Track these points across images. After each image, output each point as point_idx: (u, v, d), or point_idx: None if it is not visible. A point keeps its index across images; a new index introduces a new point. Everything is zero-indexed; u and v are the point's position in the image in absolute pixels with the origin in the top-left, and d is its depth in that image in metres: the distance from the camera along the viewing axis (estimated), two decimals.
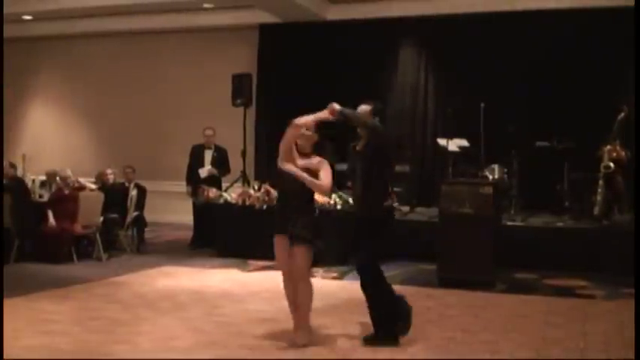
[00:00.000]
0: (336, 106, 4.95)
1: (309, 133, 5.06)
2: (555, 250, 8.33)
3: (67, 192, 8.80)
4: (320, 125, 5.09)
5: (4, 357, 4.43)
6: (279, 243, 5.03)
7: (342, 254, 8.04)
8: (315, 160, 5.07)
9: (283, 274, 5.12)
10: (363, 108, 5.16)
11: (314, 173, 4.99)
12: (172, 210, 12.03)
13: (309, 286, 5.04)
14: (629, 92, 8.21)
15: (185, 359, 4.67)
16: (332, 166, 5.20)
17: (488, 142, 9.40)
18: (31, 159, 11.99)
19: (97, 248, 8.75)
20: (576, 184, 9.53)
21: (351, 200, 8.84)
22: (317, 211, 5.47)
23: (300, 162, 5.04)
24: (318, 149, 5.17)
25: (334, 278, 7.64)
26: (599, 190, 8.84)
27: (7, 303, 5.86)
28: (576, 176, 9.52)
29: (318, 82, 11.22)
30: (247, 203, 8.88)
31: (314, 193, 5.16)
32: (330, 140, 5.65)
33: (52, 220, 8.58)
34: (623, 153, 8.76)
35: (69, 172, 9.02)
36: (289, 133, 5.02)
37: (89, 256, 8.79)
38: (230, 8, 12.29)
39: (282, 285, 5.16)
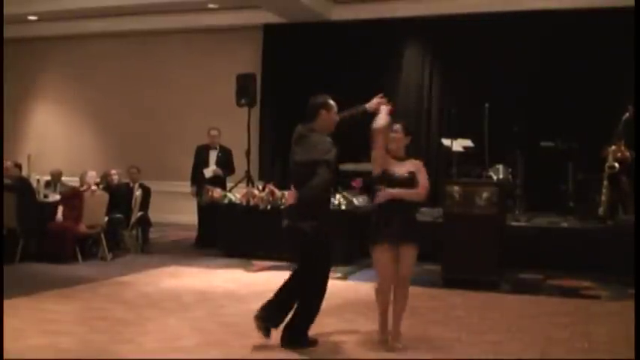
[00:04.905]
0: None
1: (398, 135, 4.84)
2: (560, 250, 8.31)
3: (82, 190, 8.83)
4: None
5: (6, 357, 4.43)
6: (386, 253, 4.77)
7: (347, 254, 8.03)
8: (414, 166, 4.87)
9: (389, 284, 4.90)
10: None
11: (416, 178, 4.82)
12: (177, 210, 12.07)
13: None
14: (633, 92, 8.20)
15: (189, 359, 4.67)
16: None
17: (492, 142, 9.39)
18: (36, 159, 12.05)
19: (101, 248, 8.77)
20: (581, 185, 9.53)
21: (355, 200, 8.88)
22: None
23: (401, 169, 4.83)
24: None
25: (339, 278, 7.64)
26: (604, 190, 8.83)
27: (12, 303, 5.88)
28: (581, 176, 9.52)
29: (322, 82, 11.13)
30: (252, 203, 8.90)
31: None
32: None
33: (60, 215, 8.64)
34: (627, 153, 8.72)
35: (94, 174, 9.10)
36: (379, 141, 4.74)
37: (94, 256, 8.81)
38: (234, 8, 12.33)
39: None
